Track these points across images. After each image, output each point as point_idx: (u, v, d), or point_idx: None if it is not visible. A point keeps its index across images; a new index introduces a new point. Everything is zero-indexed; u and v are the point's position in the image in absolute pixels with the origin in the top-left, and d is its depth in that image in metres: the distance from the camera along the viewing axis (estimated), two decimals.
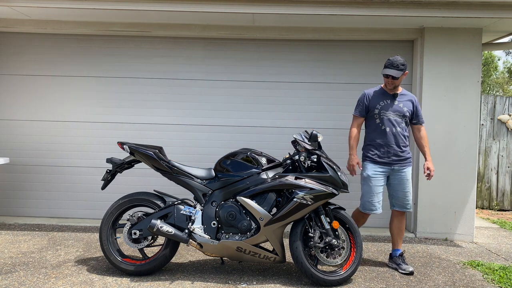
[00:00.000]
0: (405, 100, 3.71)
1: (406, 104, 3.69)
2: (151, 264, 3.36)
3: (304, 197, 3.20)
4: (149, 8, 4.25)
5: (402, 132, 3.65)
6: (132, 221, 3.38)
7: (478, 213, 6.46)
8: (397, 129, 3.64)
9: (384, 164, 3.66)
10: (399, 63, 3.53)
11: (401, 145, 3.65)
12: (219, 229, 3.33)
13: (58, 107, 5.16)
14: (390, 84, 3.63)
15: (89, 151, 5.15)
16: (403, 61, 3.57)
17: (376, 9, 4.21)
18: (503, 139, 6.77)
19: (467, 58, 4.77)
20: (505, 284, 3.43)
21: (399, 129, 3.65)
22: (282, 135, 4.85)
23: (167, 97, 5.16)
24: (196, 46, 5.16)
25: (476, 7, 4.14)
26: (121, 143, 3.50)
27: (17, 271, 3.41)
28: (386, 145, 3.65)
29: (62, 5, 4.26)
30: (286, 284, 3.30)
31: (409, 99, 3.73)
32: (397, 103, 3.68)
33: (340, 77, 5.11)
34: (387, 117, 3.65)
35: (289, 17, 4.54)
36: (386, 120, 3.65)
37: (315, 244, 3.24)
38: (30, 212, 5.18)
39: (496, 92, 22.83)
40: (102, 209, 3.71)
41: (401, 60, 3.56)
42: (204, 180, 3.45)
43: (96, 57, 5.16)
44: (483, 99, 6.78)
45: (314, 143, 3.37)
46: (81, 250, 4.00)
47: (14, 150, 5.13)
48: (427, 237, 4.82)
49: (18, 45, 5.16)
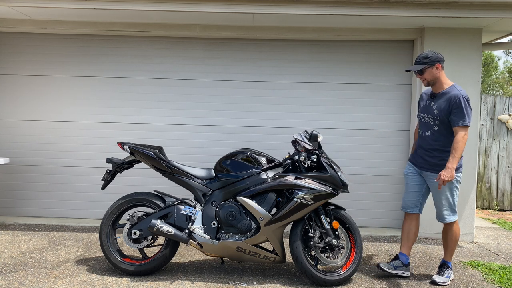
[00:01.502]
0: (442, 100, 3.34)
1: (440, 105, 3.33)
2: (151, 264, 3.36)
3: (304, 197, 3.20)
4: (149, 8, 4.24)
5: (431, 136, 3.39)
6: (132, 221, 3.38)
7: (478, 213, 6.45)
8: (426, 133, 3.43)
9: (415, 164, 3.56)
10: (421, 57, 3.36)
11: (428, 149, 3.41)
12: (219, 229, 3.33)
13: (58, 107, 5.16)
14: (421, 80, 3.46)
15: (89, 151, 5.15)
16: (426, 54, 3.35)
17: (376, 9, 4.20)
18: (503, 139, 6.77)
19: (467, 58, 4.77)
20: (505, 284, 3.43)
21: (428, 133, 3.41)
22: (282, 135, 4.84)
23: (167, 97, 5.16)
24: (196, 46, 5.16)
25: (476, 7, 4.14)
26: (121, 143, 3.50)
27: (17, 271, 3.41)
28: (419, 147, 3.53)
29: (62, 5, 4.25)
30: (286, 284, 3.30)
31: (447, 98, 3.30)
32: (432, 104, 3.40)
33: (340, 77, 5.11)
34: (421, 120, 3.50)
35: (289, 17, 4.54)
36: (421, 123, 3.50)
37: (315, 244, 3.25)
38: (30, 212, 5.18)
39: (496, 92, 22.84)
40: (102, 209, 3.72)
41: (424, 54, 3.36)
42: (204, 180, 3.46)
43: (96, 57, 5.16)
44: (483, 99, 6.78)
45: (314, 143, 3.37)
46: (81, 250, 4.00)
47: (14, 150, 5.13)
48: (427, 237, 4.81)
49: (18, 45, 5.16)
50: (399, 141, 5.12)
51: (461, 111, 3.22)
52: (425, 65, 3.32)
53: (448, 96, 3.29)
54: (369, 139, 5.12)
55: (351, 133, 5.11)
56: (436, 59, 3.32)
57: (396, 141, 5.12)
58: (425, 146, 3.43)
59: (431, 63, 3.32)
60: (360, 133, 5.12)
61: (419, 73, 3.38)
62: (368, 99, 5.12)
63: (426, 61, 3.32)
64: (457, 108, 3.23)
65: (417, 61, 3.38)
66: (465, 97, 3.25)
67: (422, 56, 3.35)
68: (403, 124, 5.11)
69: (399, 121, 5.12)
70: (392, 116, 5.12)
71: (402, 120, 5.11)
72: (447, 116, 3.28)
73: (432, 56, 3.33)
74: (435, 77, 3.35)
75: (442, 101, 3.32)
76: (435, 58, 3.33)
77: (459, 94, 3.25)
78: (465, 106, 3.22)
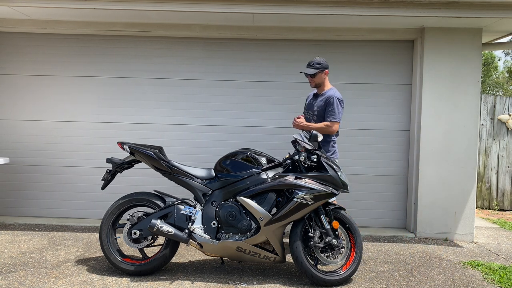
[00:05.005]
0: (321, 99, 3.84)
1: (319, 103, 3.84)
2: (151, 264, 3.36)
3: (304, 197, 3.20)
4: (149, 8, 4.24)
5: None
6: (132, 221, 3.38)
7: (478, 213, 6.45)
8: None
9: None
10: (314, 62, 3.80)
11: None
12: (219, 229, 3.33)
13: (58, 107, 5.16)
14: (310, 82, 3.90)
15: (89, 151, 5.15)
16: (319, 61, 3.80)
17: (376, 9, 4.20)
18: (503, 139, 6.77)
19: (467, 58, 4.77)
20: (505, 284, 3.43)
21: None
22: (282, 135, 4.85)
23: (167, 97, 5.16)
24: (196, 46, 5.16)
25: (476, 7, 4.13)
26: (121, 143, 3.50)
27: (17, 271, 3.41)
28: None
29: (62, 5, 4.25)
30: (286, 284, 3.30)
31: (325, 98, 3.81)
32: (314, 103, 3.90)
33: (340, 77, 5.11)
34: (305, 116, 3.96)
35: (289, 17, 4.54)
36: (305, 119, 3.92)
37: (315, 244, 3.24)
38: (30, 212, 5.18)
39: (496, 92, 22.84)
40: (102, 209, 3.71)
41: (317, 60, 3.82)
42: (204, 180, 3.46)
43: (96, 57, 5.16)
44: (483, 99, 6.78)
45: (314, 143, 3.37)
46: (81, 250, 4.00)
47: (14, 150, 5.13)
48: (427, 237, 4.82)
49: (18, 45, 5.16)
50: (399, 141, 5.12)
51: (333, 108, 3.73)
52: (317, 70, 3.80)
53: (325, 97, 3.81)
54: (369, 139, 5.12)
55: (351, 133, 5.10)
56: (325, 66, 3.83)
57: (396, 141, 5.13)
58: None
59: (322, 68, 3.81)
60: (360, 133, 5.12)
61: (311, 76, 3.82)
62: (368, 99, 5.12)
63: (318, 66, 3.80)
64: (330, 106, 3.74)
65: (311, 65, 3.81)
66: (338, 98, 3.77)
67: (316, 62, 3.81)
68: (403, 124, 5.11)
69: (399, 121, 5.12)
70: (392, 116, 5.12)
71: (402, 120, 5.11)
72: (323, 112, 3.78)
73: (323, 63, 3.82)
74: (322, 81, 3.86)
75: (321, 100, 3.83)
76: (325, 65, 3.83)
77: (333, 95, 3.77)
78: (336, 105, 3.74)
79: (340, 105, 3.76)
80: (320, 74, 3.81)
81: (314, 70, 3.79)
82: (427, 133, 4.81)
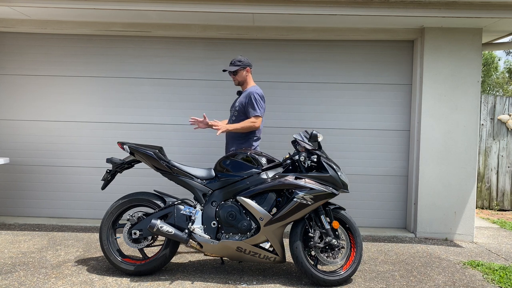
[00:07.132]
0: (242, 96, 3.83)
1: (240, 100, 3.82)
2: (151, 264, 3.36)
3: (304, 197, 3.20)
4: (149, 8, 4.24)
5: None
6: (132, 221, 3.38)
7: (478, 213, 6.46)
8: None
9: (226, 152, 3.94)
10: (235, 60, 3.82)
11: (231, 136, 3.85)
12: (219, 229, 3.33)
13: (58, 107, 5.16)
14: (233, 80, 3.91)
15: (89, 151, 5.15)
16: (240, 59, 3.82)
17: (376, 9, 4.20)
18: (503, 139, 6.77)
19: (467, 58, 4.77)
20: (505, 284, 3.43)
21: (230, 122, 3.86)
22: (282, 135, 4.84)
23: (167, 97, 5.16)
24: (196, 46, 5.16)
25: (476, 7, 4.13)
26: (121, 143, 3.50)
27: (17, 271, 3.41)
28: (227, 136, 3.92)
29: (62, 5, 4.25)
30: (286, 284, 3.30)
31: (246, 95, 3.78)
32: (236, 100, 3.89)
33: (340, 77, 5.11)
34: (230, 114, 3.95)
35: (289, 17, 4.54)
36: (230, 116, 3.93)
37: (315, 244, 3.24)
38: (30, 212, 5.18)
39: (496, 92, 22.84)
40: (102, 209, 3.72)
41: (238, 58, 3.83)
42: (204, 180, 3.45)
43: (96, 57, 5.16)
44: (483, 99, 6.78)
45: (314, 143, 3.37)
46: (81, 250, 4.00)
47: (14, 150, 5.13)
48: (427, 237, 4.82)
49: (18, 45, 5.16)
50: (399, 141, 5.12)
51: (253, 103, 3.70)
52: (238, 67, 3.81)
53: (246, 93, 3.79)
54: (369, 139, 5.13)
55: (351, 133, 5.11)
56: (247, 64, 3.84)
57: (396, 141, 5.13)
58: (230, 134, 3.85)
59: (243, 66, 3.82)
60: (360, 133, 5.13)
61: (233, 73, 3.84)
62: (368, 99, 5.12)
63: (239, 64, 3.81)
64: (250, 101, 3.71)
65: (232, 63, 3.83)
66: (258, 93, 3.75)
67: (237, 60, 3.82)
68: (403, 124, 5.11)
69: (399, 121, 5.12)
70: (392, 116, 5.12)
71: (402, 120, 5.11)
72: (243, 108, 3.75)
73: (244, 61, 3.83)
74: (244, 79, 3.86)
75: (242, 97, 3.82)
76: (246, 62, 3.84)
77: (254, 91, 3.75)
78: (256, 100, 3.71)
79: (261, 100, 3.73)
80: (241, 71, 3.81)
81: (235, 67, 3.81)
82: (427, 133, 4.81)
